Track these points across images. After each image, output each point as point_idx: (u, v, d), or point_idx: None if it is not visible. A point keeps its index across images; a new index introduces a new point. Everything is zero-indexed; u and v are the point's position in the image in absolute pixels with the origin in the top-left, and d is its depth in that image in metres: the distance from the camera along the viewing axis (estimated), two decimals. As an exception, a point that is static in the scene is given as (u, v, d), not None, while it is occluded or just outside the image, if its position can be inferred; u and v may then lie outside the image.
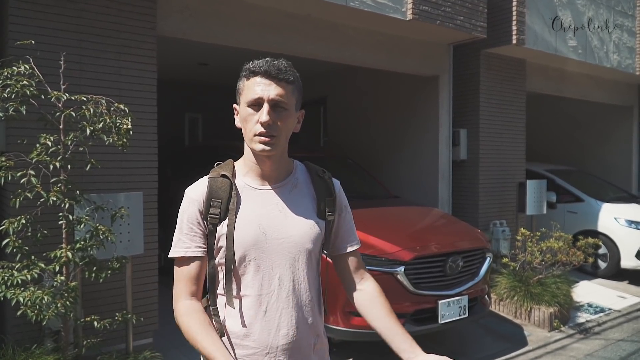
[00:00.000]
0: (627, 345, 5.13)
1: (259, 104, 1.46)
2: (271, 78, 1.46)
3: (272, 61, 1.48)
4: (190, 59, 7.52)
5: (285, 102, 1.47)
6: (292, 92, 1.50)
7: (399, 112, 7.38)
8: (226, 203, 1.51)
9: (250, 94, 1.47)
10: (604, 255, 7.51)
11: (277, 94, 1.45)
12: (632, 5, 8.42)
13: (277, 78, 1.46)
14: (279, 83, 1.46)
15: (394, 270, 4.03)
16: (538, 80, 7.77)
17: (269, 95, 1.45)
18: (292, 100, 1.50)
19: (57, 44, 3.63)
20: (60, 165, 3.06)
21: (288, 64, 1.50)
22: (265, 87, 1.45)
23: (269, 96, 1.45)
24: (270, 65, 1.47)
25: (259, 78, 1.46)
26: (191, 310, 1.48)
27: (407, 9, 5.30)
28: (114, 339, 3.70)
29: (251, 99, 1.46)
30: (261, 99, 1.45)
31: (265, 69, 1.46)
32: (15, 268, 2.92)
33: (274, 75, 1.46)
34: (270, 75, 1.46)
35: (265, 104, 1.45)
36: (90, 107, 3.16)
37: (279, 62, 1.48)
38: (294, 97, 1.51)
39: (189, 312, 1.47)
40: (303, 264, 1.55)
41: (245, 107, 1.49)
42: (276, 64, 1.47)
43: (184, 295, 1.51)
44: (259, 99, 1.45)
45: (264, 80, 1.46)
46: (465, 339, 5.13)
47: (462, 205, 6.98)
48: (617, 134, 10.22)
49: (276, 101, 1.46)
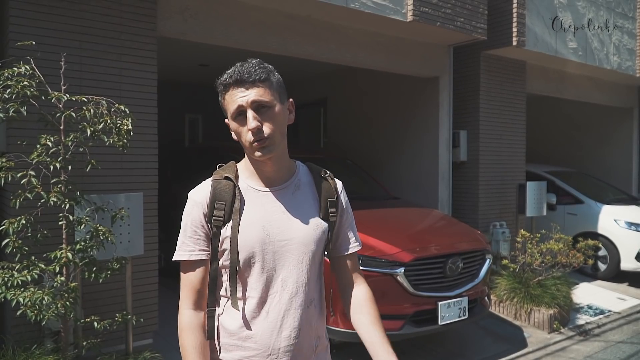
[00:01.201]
0: (626, 347, 5.13)
1: (243, 113, 1.45)
2: (244, 84, 1.44)
3: (240, 66, 1.46)
4: (190, 60, 7.53)
5: (267, 100, 1.45)
6: (270, 88, 1.47)
7: (399, 114, 7.39)
8: (230, 205, 1.50)
9: (231, 107, 1.46)
10: (604, 257, 7.51)
11: (255, 95, 1.43)
12: (633, 7, 8.43)
13: (249, 81, 1.44)
14: (254, 85, 1.44)
15: (394, 271, 4.03)
16: (538, 81, 7.78)
17: (247, 100, 1.43)
18: (273, 95, 1.47)
19: (58, 45, 3.64)
20: (60, 166, 3.06)
21: (257, 62, 1.48)
22: (242, 94, 1.44)
23: (248, 101, 1.43)
24: (240, 71, 1.44)
25: (233, 89, 1.45)
26: (191, 326, 1.50)
27: (407, 10, 5.30)
28: (114, 339, 3.70)
29: (233, 111, 1.46)
30: (242, 107, 1.44)
31: (236, 78, 1.44)
32: (15, 269, 2.92)
33: (246, 80, 1.44)
34: (242, 81, 1.44)
35: (248, 110, 1.44)
36: (91, 108, 3.16)
37: (247, 65, 1.46)
38: (275, 91, 1.49)
39: (188, 329, 1.50)
40: (306, 266, 1.54)
41: (232, 121, 1.48)
42: (245, 67, 1.45)
43: (188, 303, 1.52)
44: (240, 108, 1.44)
45: (238, 89, 1.44)
46: (465, 340, 5.13)
47: (462, 206, 6.99)
48: (617, 135, 10.22)
49: (257, 102, 1.44)
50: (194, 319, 1.51)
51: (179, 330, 1.52)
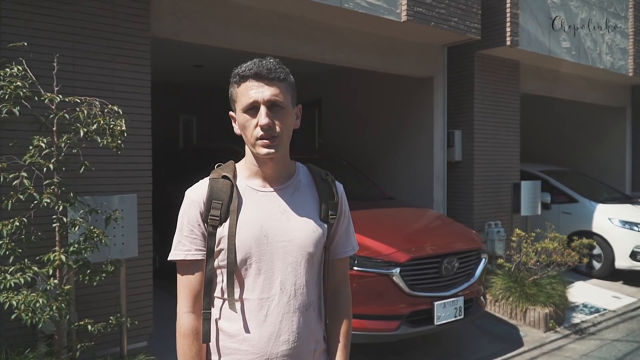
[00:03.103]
0: (622, 345, 5.14)
1: (255, 108, 1.43)
2: (262, 79, 1.43)
3: (260, 62, 1.45)
4: (184, 60, 7.51)
5: (282, 100, 1.44)
6: (286, 89, 1.47)
7: (393, 114, 7.39)
8: (227, 205, 1.48)
9: (244, 100, 1.44)
10: (599, 255, 7.54)
11: (272, 94, 1.43)
12: (625, 7, 8.47)
13: (269, 78, 1.43)
14: (272, 83, 1.43)
15: (390, 271, 4.03)
16: (532, 81, 7.81)
17: (263, 97, 1.42)
18: (287, 98, 1.47)
19: (51, 46, 3.61)
20: (53, 168, 3.04)
21: (277, 62, 1.47)
22: (258, 89, 1.43)
23: (263, 98, 1.42)
24: (260, 66, 1.43)
25: (250, 82, 1.44)
26: (191, 332, 1.49)
27: (401, 10, 5.30)
28: (108, 342, 3.68)
29: (246, 104, 1.43)
30: (256, 102, 1.42)
31: (255, 72, 1.43)
32: (8, 271, 2.89)
33: (264, 76, 1.43)
34: (261, 76, 1.43)
35: (261, 106, 1.42)
36: (84, 109, 3.14)
37: (267, 62, 1.45)
38: (289, 93, 1.48)
39: (189, 334, 1.49)
40: (305, 268, 1.52)
41: (242, 113, 1.46)
42: (265, 64, 1.44)
43: (187, 306, 1.50)
44: (255, 103, 1.43)
45: (255, 83, 1.43)
46: (461, 340, 5.13)
47: (457, 206, 6.99)
48: (611, 134, 10.27)
49: (272, 101, 1.43)
50: (193, 323, 1.49)
51: (179, 335, 1.49)
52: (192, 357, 1.48)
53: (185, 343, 1.48)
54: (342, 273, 1.70)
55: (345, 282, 1.71)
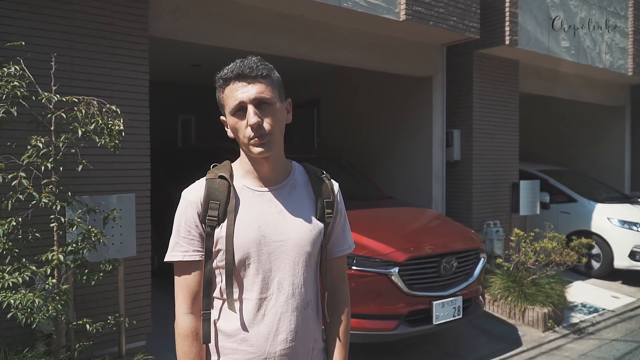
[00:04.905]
0: (621, 345, 5.14)
1: (243, 109, 1.43)
2: (245, 79, 1.42)
3: (242, 62, 1.45)
4: (183, 60, 7.50)
5: (268, 97, 1.43)
6: (272, 85, 1.46)
7: (392, 113, 7.39)
8: (224, 205, 1.47)
9: (231, 102, 1.44)
10: (598, 255, 7.54)
11: (257, 91, 1.42)
12: (624, 6, 8.47)
13: (251, 76, 1.42)
14: (255, 80, 1.43)
15: (388, 271, 4.02)
16: (531, 80, 7.80)
17: (249, 96, 1.41)
18: (274, 93, 1.46)
19: (48, 45, 3.60)
20: (51, 167, 3.03)
21: (258, 59, 1.47)
22: (243, 89, 1.42)
23: (249, 97, 1.41)
24: (241, 66, 1.43)
25: (234, 83, 1.43)
26: (190, 333, 1.48)
27: (400, 9, 5.30)
28: (106, 342, 3.68)
29: (234, 107, 1.43)
30: (243, 102, 1.42)
31: (237, 72, 1.43)
32: (6, 271, 2.89)
33: (247, 75, 1.42)
34: (244, 76, 1.42)
35: (249, 106, 1.42)
36: (82, 109, 3.13)
37: (249, 60, 1.45)
38: (275, 89, 1.47)
39: (187, 336, 1.48)
40: (302, 267, 1.52)
41: (231, 116, 1.46)
42: (247, 62, 1.44)
43: (185, 307, 1.50)
44: (241, 104, 1.42)
45: (239, 84, 1.43)
46: (460, 339, 5.13)
47: (456, 205, 6.99)
48: (610, 134, 10.27)
49: (259, 99, 1.42)
50: (193, 324, 1.49)
51: (177, 337, 1.49)
52: (193, 358, 1.48)
53: (185, 344, 1.48)
54: (340, 272, 1.70)
55: (343, 280, 1.71)
